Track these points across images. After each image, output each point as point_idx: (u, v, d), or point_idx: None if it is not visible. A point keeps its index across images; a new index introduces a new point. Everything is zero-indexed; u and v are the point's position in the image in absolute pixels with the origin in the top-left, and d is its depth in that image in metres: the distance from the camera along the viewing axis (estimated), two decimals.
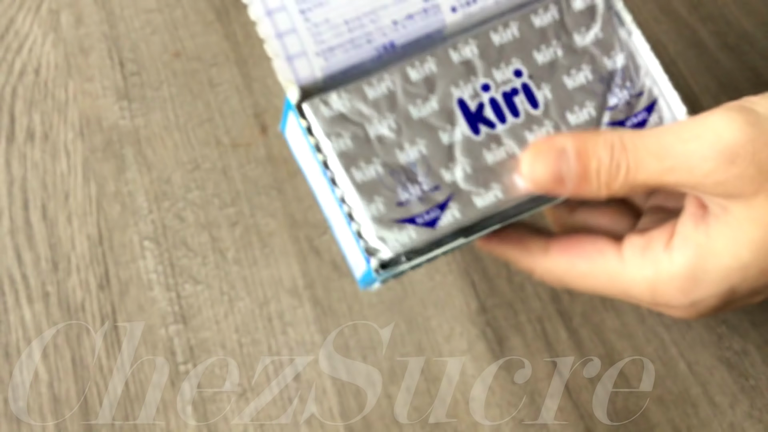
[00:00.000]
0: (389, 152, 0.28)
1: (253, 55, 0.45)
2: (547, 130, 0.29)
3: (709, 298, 0.27)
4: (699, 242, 0.27)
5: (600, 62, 0.30)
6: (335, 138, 0.28)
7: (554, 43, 0.30)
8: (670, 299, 0.28)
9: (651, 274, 0.28)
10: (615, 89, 0.30)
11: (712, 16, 0.46)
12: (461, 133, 0.29)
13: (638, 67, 0.30)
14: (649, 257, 0.28)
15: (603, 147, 0.27)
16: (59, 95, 0.44)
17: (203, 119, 0.43)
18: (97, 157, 0.42)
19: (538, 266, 0.30)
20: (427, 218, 0.28)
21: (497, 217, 0.28)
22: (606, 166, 0.27)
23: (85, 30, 0.46)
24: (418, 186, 0.28)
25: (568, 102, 0.29)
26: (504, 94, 0.29)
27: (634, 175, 0.27)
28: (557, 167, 0.27)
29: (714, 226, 0.27)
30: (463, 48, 0.29)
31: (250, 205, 0.40)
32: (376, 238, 0.28)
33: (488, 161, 0.28)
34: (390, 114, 0.29)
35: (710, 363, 0.36)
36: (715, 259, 0.27)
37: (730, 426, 0.35)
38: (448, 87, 0.29)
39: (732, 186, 0.26)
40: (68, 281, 0.38)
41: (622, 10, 0.30)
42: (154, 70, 0.45)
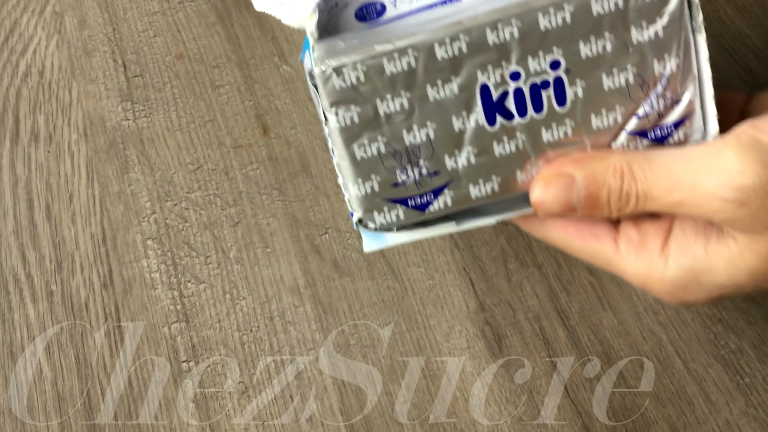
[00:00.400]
0: (395, 132, 0.27)
1: (255, 57, 0.46)
2: (564, 131, 0.27)
3: (696, 301, 0.28)
4: (696, 255, 0.27)
5: (648, 64, 0.27)
6: (342, 111, 0.26)
7: (606, 35, 0.26)
8: (658, 294, 0.28)
9: (643, 272, 0.28)
10: (652, 97, 0.27)
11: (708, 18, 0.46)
12: (475, 122, 0.27)
13: (687, 74, 0.27)
14: (644, 257, 0.28)
15: (612, 175, 0.27)
16: (63, 96, 0.44)
17: (205, 120, 0.43)
18: (101, 157, 0.42)
19: (534, 232, 0.30)
20: (419, 202, 0.27)
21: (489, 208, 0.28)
22: (616, 195, 0.27)
23: (89, 32, 0.47)
24: (417, 169, 0.27)
25: (597, 104, 0.27)
26: (532, 85, 0.27)
27: (643, 204, 0.27)
28: (567, 197, 0.27)
29: (714, 244, 0.27)
30: (503, 29, 0.26)
31: (252, 205, 0.40)
32: (363, 212, 0.27)
33: (495, 153, 0.27)
34: (405, 93, 0.26)
35: (706, 361, 0.36)
36: (710, 276, 0.27)
37: (726, 423, 0.35)
38: (475, 71, 0.26)
39: (740, 224, 0.26)
40: (72, 280, 0.38)
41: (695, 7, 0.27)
42: (157, 71, 0.45)
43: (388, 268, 0.39)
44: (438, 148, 0.27)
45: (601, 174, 0.27)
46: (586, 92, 0.27)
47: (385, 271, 0.39)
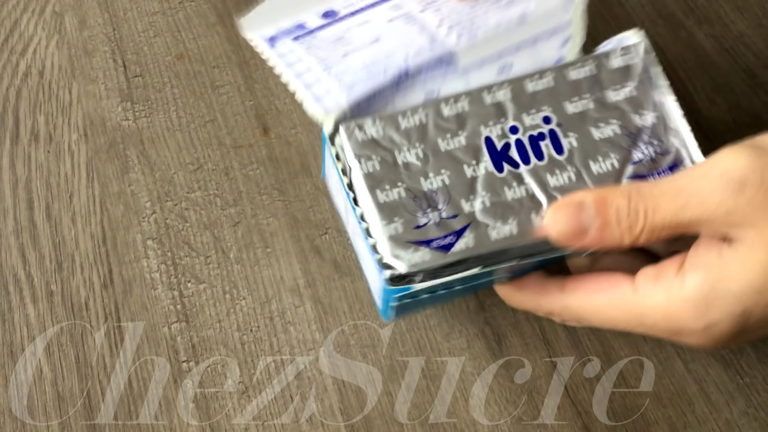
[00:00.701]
0: (414, 179, 0.30)
1: (255, 57, 0.46)
2: (569, 176, 0.30)
3: (722, 321, 0.28)
4: (710, 264, 0.28)
5: (629, 118, 0.31)
6: (365, 160, 0.30)
7: (586, 96, 0.31)
8: (684, 324, 0.28)
9: (664, 300, 0.28)
10: (641, 145, 0.30)
11: (709, 19, 0.46)
12: (485, 169, 0.30)
13: (667, 128, 0.31)
14: (662, 283, 0.28)
15: (621, 196, 0.28)
16: (63, 96, 0.44)
17: (205, 120, 0.43)
18: (101, 157, 0.42)
19: (555, 305, 0.31)
20: (442, 243, 0.29)
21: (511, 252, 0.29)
22: (625, 213, 0.28)
23: (89, 32, 0.47)
24: (437, 212, 0.29)
25: (592, 152, 0.30)
26: (530, 137, 0.30)
27: (652, 217, 0.28)
28: (578, 219, 0.28)
29: (726, 250, 0.27)
30: (497, 92, 0.31)
31: (252, 205, 0.41)
32: (391, 255, 0.29)
33: (508, 198, 0.29)
34: (419, 144, 0.30)
35: (706, 361, 0.36)
36: (727, 281, 0.27)
37: (726, 423, 0.35)
38: (478, 126, 0.30)
39: (743, 213, 0.26)
40: (72, 280, 0.38)
41: (658, 74, 0.31)
42: (157, 72, 0.45)
43: None
44: (454, 193, 0.30)
45: (610, 196, 0.28)
46: (580, 142, 0.30)
47: None
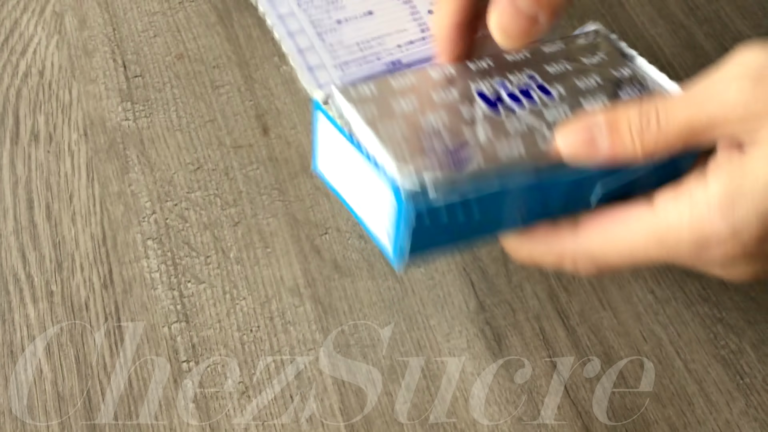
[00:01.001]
0: (413, 120, 0.29)
1: (255, 57, 0.46)
2: (564, 110, 0.30)
3: (750, 221, 0.26)
4: (733, 166, 0.26)
5: (608, 73, 0.31)
6: (362, 107, 0.29)
7: (563, 62, 0.32)
8: (710, 232, 0.26)
9: (687, 211, 0.27)
10: (625, 88, 0.31)
11: (709, 19, 0.46)
12: (481, 111, 0.30)
13: (646, 77, 0.31)
14: (683, 196, 0.27)
15: (632, 107, 0.28)
16: (63, 96, 0.44)
17: (205, 120, 0.43)
18: (101, 157, 0.42)
19: (568, 247, 0.29)
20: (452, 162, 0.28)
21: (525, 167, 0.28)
22: (637, 121, 0.27)
23: (89, 32, 0.47)
24: (442, 140, 0.28)
25: (582, 95, 0.30)
26: (520, 89, 0.31)
27: (666, 123, 0.27)
28: (589, 132, 0.28)
29: (748, 152, 0.26)
30: (479, 62, 0.32)
31: (252, 205, 0.41)
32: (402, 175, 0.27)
33: (509, 130, 0.29)
34: (413, 96, 0.30)
35: (706, 361, 0.36)
36: (752, 177, 0.26)
37: (726, 424, 0.35)
38: (467, 83, 0.31)
39: (762, 106, 0.25)
40: (72, 280, 0.38)
41: (624, 46, 0.32)
42: (157, 71, 0.45)
43: (388, 268, 0.39)
44: (455, 126, 0.29)
45: (621, 109, 0.28)
46: (567, 90, 0.31)
47: (385, 271, 0.39)
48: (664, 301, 0.38)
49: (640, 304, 0.38)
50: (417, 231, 0.28)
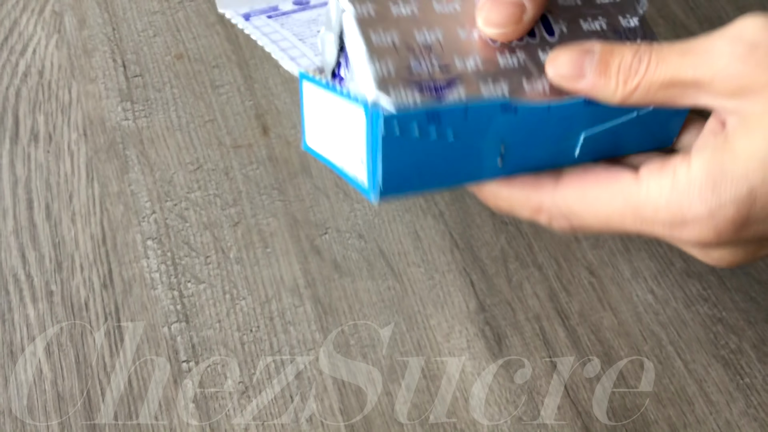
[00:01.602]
0: (407, 31, 0.28)
1: (255, 57, 0.46)
2: None
3: (728, 204, 0.26)
4: (716, 146, 0.26)
5: (616, 19, 0.31)
6: (359, 4, 0.28)
7: None
8: (687, 210, 0.26)
9: (668, 187, 0.27)
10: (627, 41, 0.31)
11: (709, 18, 0.46)
12: (478, 36, 0.29)
13: (653, 33, 0.31)
14: (666, 171, 0.27)
15: (629, 48, 0.28)
16: (63, 96, 0.44)
17: (205, 120, 0.43)
18: (101, 157, 0.42)
19: (546, 198, 0.29)
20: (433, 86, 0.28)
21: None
22: (628, 62, 0.27)
23: (89, 32, 0.47)
24: (429, 62, 0.28)
25: (581, 38, 0.30)
26: None
27: (654, 70, 0.27)
28: (581, 60, 0.28)
29: (732, 132, 0.26)
30: None
31: (252, 205, 0.41)
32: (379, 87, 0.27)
33: (500, 64, 0.29)
34: (414, 2, 0.29)
35: (706, 361, 0.36)
36: (733, 158, 0.26)
37: (725, 423, 0.35)
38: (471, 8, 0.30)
39: (750, 76, 0.26)
40: (72, 280, 0.38)
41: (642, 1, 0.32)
42: (157, 71, 0.45)
43: (388, 268, 0.39)
44: (447, 50, 0.29)
45: (618, 48, 0.28)
46: (570, 29, 0.30)
47: (385, 271, 0.39)
48: (664, 301, 0.38)
49: (640, 304, 0.38)
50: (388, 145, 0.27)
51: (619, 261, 0.39)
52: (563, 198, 0.29)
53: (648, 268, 0.39)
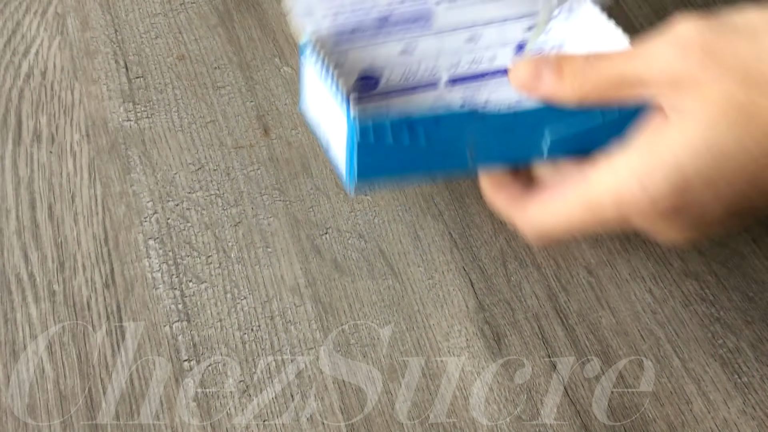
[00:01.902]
0: None
1: (256, 59, 0.46)
2: None
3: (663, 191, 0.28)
4: (653, 136, 0.29)
5: None
6: None
7: None
8: (631, 202, 0.29)
9: (611, 180, 0.29)
10: None
11: None
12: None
13: None
14: (609, 164, 0.29)
15: (581, 56, 0.30)
16: (65, 97, 0.44)
17: (207, 121, 0.44)
18: (103, 158, 0.42)
19: (518, 222, 0.33)
20: None
21: None
22: (580, 65, 0.30)
23: (91, 33, 0.47)
24: None
25: None
26: None
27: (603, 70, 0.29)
28: (538, 68, 0.31)
29: (667, 124, 0.29)
30: None
31: (253, 206, 0.41)
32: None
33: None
34: None
35: (704, 360, 0.37)
36: (666, 145, 0.28)
37: (723, 422, 0.35)
38: None
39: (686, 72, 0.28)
40: (74, 280, 0.38)
41: None
42: (159, 73, 0.45)
43: (388, 268, 0.39)
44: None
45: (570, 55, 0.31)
46: None
47: (385, 271, 0.39)
48: (662, 300, 0.38)
49: (639, 304, 0.38)
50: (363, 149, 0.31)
51: (617, 261, 0.39)
52: (528, 217, 0.32)
53: (646, 267, 0.39)
